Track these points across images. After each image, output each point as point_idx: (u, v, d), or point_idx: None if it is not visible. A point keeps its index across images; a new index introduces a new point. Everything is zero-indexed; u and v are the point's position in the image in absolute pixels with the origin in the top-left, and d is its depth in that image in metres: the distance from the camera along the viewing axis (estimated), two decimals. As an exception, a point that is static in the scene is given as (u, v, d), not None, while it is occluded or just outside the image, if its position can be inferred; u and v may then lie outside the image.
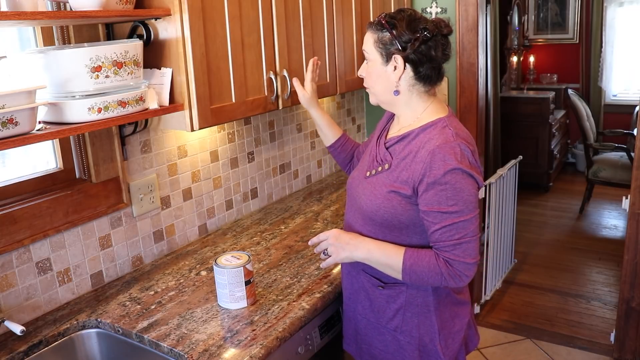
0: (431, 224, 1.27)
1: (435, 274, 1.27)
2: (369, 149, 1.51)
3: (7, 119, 1.12)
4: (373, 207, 1.36)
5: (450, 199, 1.24)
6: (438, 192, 1.25)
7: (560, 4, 5.99)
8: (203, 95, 1.52)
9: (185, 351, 1.30)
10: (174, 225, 1.93)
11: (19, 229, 1.44)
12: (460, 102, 2.77)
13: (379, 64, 1.35)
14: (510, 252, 3.62)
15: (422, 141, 1.30)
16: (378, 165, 1.40)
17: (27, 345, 1.36)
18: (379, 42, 1.33)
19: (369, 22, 1.38)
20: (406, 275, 1.30)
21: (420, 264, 1.28)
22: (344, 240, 1.38)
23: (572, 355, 2.79)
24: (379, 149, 1.44)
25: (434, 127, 1.32)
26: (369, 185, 1.39)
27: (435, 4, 2.74)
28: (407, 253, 1.31)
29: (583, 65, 6.01)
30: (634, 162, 2.48)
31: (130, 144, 1.73)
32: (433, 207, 1.26)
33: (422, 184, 1.26)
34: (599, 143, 4.85)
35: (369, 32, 1.36)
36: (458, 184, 1.24)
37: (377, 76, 1.37)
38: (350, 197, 1.49)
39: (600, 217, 4.69)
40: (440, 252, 1.28)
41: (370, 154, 1.47)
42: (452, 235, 1.25)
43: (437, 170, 1.24)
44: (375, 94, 1.41)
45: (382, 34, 1.32)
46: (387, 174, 1.35)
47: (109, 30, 1.59)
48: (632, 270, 2.57)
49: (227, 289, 1.46)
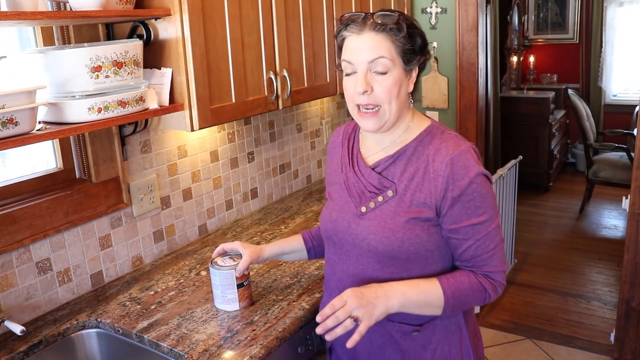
0: (462, 241, 1.15)
1: (479, 293, 1.16)
2: (342, 183, 1.28)
3: (7, 119, 1.12)
4: (393, 243, 1.15)
5: (479, 207, 1.13)
6: (465, 204, 1.12)
7: (560, 4, 5.99)
8: (203, 95, 1.52)
9: (185, 351, 1.30)
10: (174, 225, 1.93)
11: (19, 229, 1.44)
12: (460, 102, 2.77)
13: (401, 73, 1.15)
14: (510, 252, 3.62)
15: (428, 154, 1.17)
16: (375, 195, 1.20)
17: (27, 345, 1.36)
18: (400, 46, 1.13)
19: (376, 23, 1.13)
20: (449, 307, 1.15)
21: (461, 288, 1.15)
22: (371, 295, 1.11)
23: (572, 355, 2.79)
24: (365, 177, 1.23)
25: (432, 136, 1.20)
26: (374, 221, 1.19)
27: (435, 4, 2.74)
28: (444, 281, 1.15)
29: (583, 65, 6.01)
30: (634, 162, 2.47)
31: (130, 144, 1.73)
32: (462, 222, 1.13)
33: (445, 200, 1.13)
34: (599, 143, 4.85)
35: (382, 36, 1.12)
36: (483, 189, 1.14)
37: (399, 88, 1.15)
38: (343, 243, 1.25)
39: (600, 217, 4.69)
40: (478, 269, 1.17)
41: (352, 187, 1.25)
42: (488, 246, 1.15)
43: (462, 180, 1.12)
44: (391, 112, 1.16)
45: (399, 36, 1.12)
46: (396, 202, 1.17)
47: (109, 30, 1.59)
48: (632, 270, 2.56)
49: (219, 290, 1.46)
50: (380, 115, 1.16)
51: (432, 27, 2.78)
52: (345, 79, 1.18)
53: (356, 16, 1.15)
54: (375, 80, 1.13)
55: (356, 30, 1.14)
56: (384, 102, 1.15)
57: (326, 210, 1.32)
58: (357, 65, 1.14)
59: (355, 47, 1.14)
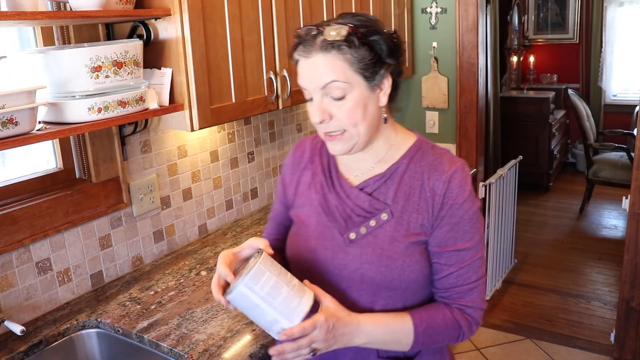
0: (443, 266, 1.05)
1: (453, 330, 1.06)
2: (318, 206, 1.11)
3: (7, 119, 1.12)
4: (393, 272, 1.03)
5: (467, 232, 1.04)
6: (453, 226, 1.03)
7: (560, 4, 5.99)
8: (203, 95, 1.52)
9: (185, 351, 1.30)
10: (174, 225, 1.93)
11: (19, 229, 1.44)
12: (460, 102, 2.77)
13: (364, 91, 1.00)
14: (510, 252, 3.62)
15: (422, 171, 1.06)
16: (366, 219, 1.06)
17: (27, 345, 1.36)
18: (357, 62, 0.98)
19: (325, 41, 0.97)
20: (418, 344, 1.04)
21: (434, 325, 1.04)
22: (339, 332, 0.98)
23: (572, 355, 2.79)
24: (351, 199, 1.08)
25: (422, 152, 1.09)
26: (368, 248, 1.05)
27: (435, 4, 2.74)
28: (416, 317, 1.04)
29: (583, 65, 6.01)
30: (634, 162, 2.48)
31: (130, 144, 1.73)
32: (447, 246, 1.04)
33: (437, 219, 1.03)
34: (599, 143, 4.85)
35: (332, 56, 0.97)
36: (475, 213, 1.05)
37: (364, 109, 1.01)
38: (326, 276, 1.08)
39: (600, 217, 4.69)
40: (454, 301, 1.06)
41: (334, 210, 1.09)
42: (469, 277, 1.05)
43: (455, 199, 1.03)
44: (360, 134, 1.02)
45: (352, 52, 0.98)
46: (392, 226, 1.05)
47: (109, 30, 1.59)
48: (632, 270, 2.56)
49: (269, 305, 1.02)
50: (347, 139, 1.02)
51: (432, 27, 2.78)
52: (308, 104, 1.06)
53: (306, 32, 1.01)
54: (334, 105, 1.00)
55: (305, 52, 1.00)
56: (348, 127, 1.01)
57: (299, 239, 1.12)
58: (310, 92, 1.02)
59: (305, 72, 1.01)
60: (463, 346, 2.89)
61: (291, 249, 1.16)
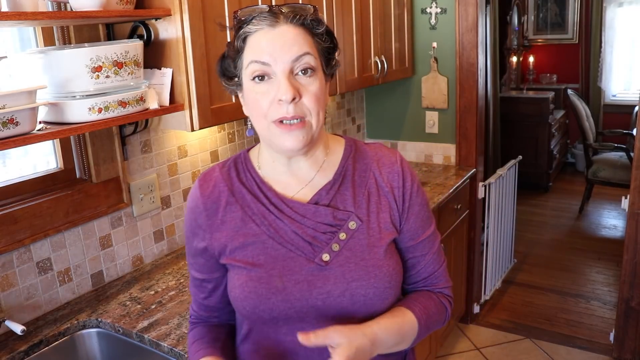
0: (419, 258, 1.02)
1: (441, 315, 1.05)
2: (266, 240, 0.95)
3: (8, 119, 1.13)
4: (384, 281, 0.94)
5: (428, 217, 1.04)
6: (417, 215, 1.01)
7: (559, 4, 5.99)
8: (203, 95, 1.52)
9: (185, 351, 1.30)
10: (174, 225, 1.93)
11: (20, 229, 1.44)
12: (460, 102, 2.77)
13: (323, 78, 0.94)
14: (510, 252, 3.62)
15: (370, 169, 1.00)
16: (333, 234, 0.95)
17: (27, 345, 1.36)
18: (321, 43, 0.93)
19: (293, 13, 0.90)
20: (418, 338, 1.00)
21: (430, 313, 1.01)
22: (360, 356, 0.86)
23: (571, 355, 2.79)
24: (310, 218, 0.95)
25: (358, 150, 1.03)
26: (349, 265, 0.93)
27: (435, 4, 2.75)
28: (416, 311, 0.98)
29: (582, 66, 6.01)
30: (633, 162, 2.48)
31: (131, 144, 1.73)
32: (419, 236, 1.01)
33: (404, 212, 1.00)
34: (598, 143, 4.86)
35: (301, 30, 0.90)
36: (426, 196, 1.05)
37: (323, 96, 0.93)
38: (304, 314, 0.93)
39: (600, 217, 4.70)
40: (435, 286, 1.05)
41: (292, 238, 0.95)
42: (440, 258, 1.06)
43: (412, 188, 1.00)
44: (313, 127, 0.92)
45: (319, 31, 0.92)
46: (364, 232, 0.96)
47: (110, 30, 1.59)
48: (631, 270, 2.57)
49: None
50: (307, 129, 0.90)
51: (432, 27, 2.78)
52: (254, 90, 0.91)
53: (261, 8, 0.91)
54: (301, 85, 0.89)
55: (267, 22, 0.89)
56: (312, 113, 0.90)
57: (258, 283, 0.94)
58: (275, 65, 0.88)
59: (271, 42, 0.88)
60: (463, 346, 2.90)
61: (249, 300, 0.95)
